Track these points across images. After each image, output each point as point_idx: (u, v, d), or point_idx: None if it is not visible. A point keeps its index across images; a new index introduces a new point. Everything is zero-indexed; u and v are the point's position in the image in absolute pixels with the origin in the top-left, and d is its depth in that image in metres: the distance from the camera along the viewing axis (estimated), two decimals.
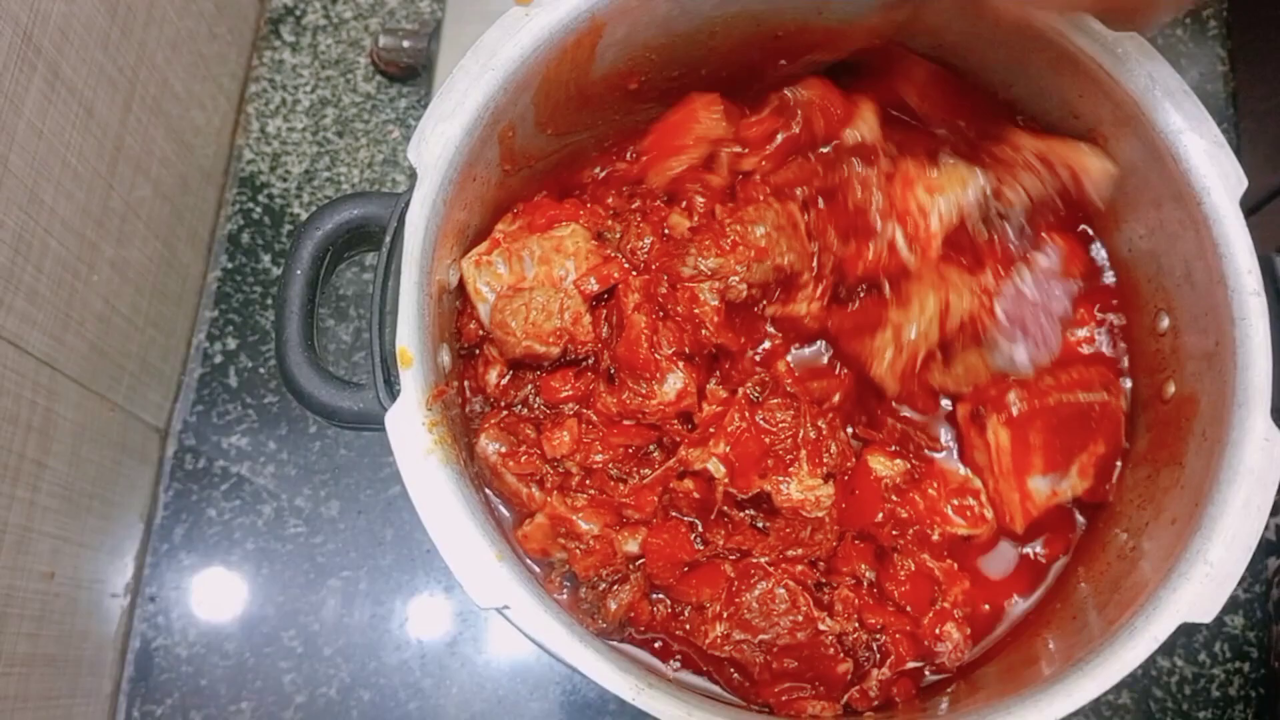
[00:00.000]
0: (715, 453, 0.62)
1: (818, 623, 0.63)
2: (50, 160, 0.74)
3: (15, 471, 0.74)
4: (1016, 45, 0.67)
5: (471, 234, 0.67)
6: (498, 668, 0.89)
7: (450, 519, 0.56)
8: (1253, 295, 0.60)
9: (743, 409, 0.63)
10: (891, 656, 0.64)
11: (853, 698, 0.64)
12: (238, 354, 0.97)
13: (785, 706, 0.63)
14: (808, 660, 0.63)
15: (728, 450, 0.62)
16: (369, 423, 0.59)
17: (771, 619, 0.62)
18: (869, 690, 0.64)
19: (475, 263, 0.65)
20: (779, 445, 0.63)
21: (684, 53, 0.71)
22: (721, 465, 0.62)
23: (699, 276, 0.65)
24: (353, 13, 1.07)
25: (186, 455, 0.94)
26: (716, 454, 0.62)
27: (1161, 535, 0.62)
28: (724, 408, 0.64)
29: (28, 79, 0.70)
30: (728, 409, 0.63)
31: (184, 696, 0.88)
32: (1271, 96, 1.00)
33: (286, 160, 1.02)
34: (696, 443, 0.63)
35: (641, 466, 0.65)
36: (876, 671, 0.64)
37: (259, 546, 0.92)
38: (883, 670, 0.64)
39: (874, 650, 0.65)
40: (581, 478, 0.65)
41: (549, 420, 0.66)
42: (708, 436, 0.63)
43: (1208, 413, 0.62)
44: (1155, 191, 0.65)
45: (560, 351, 0.65)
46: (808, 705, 0.63)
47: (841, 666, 0.63)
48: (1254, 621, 0.91)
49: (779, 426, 0.64)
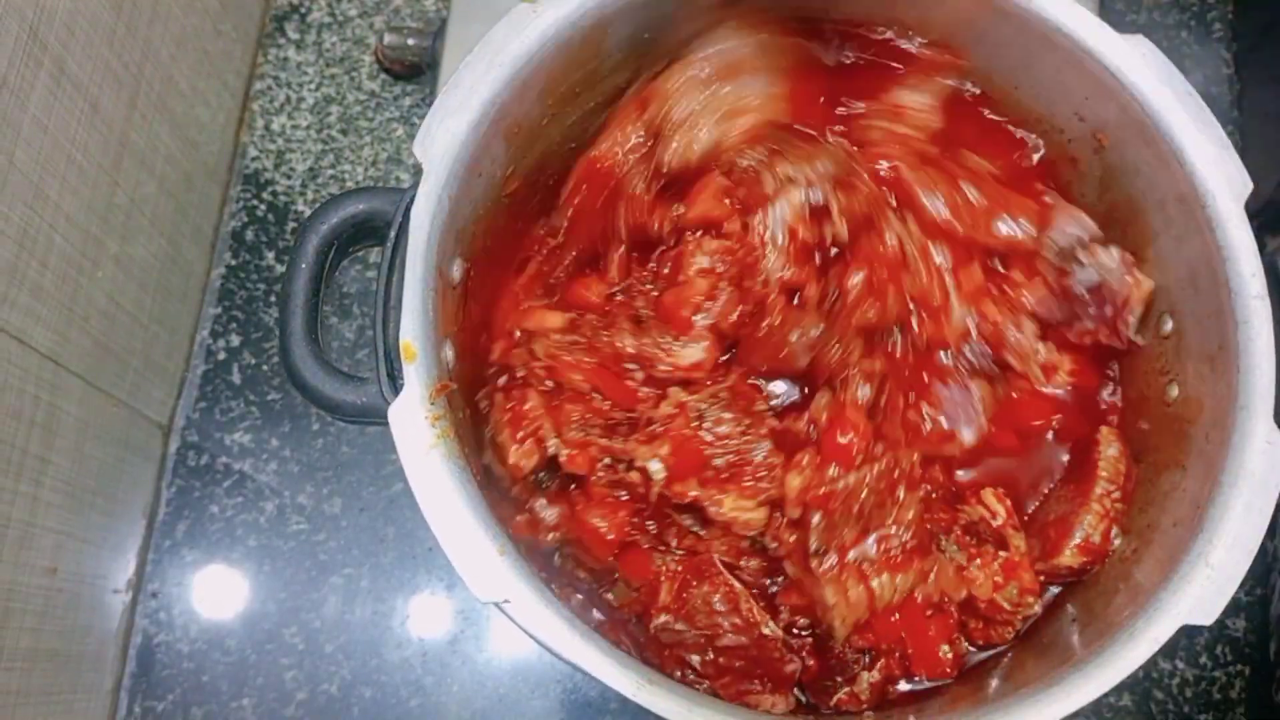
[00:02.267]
0: (658, 453, 0.63)
1: (760, 626, 0.63)
2: (55, 156, 0.74)
3: (19, 467, 0.74)
4: (1024, 46, 0.67)
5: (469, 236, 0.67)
6: (499, 666, 0.89)
7: (452, 513, 0.56)
8: (1256, 299, 0.60)
9: (688, 417, 0.63)
10: (882, 660, 0.64)
11: (841, 701, 0.64)
12: (241, 351, 0.97)
13: (736, 698, 0.63)
14: (753, 659, 0.63)
15: (669, 453, 0.63)
16: (372, 417, 0.59)
17: (714, 618, 0.62)
18: (859, 694, 0.64)
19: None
20: (719, 460, 0.63)
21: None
22: (662, 467, 0.63)
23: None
24: (358, 10, 1.07)
25: (189, 452, 0.94)
26: (659, 455, 0.63)
27: (1163, 538, 0.62)
28: (678, 410, 0.64)
29: (33, 75, 0.70)
30: (681, 412, 0.64)
31: (185, 693, 0.88)
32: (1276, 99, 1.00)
33: (291, 158, 1.03)
34: (645, 439, 0.63)
35: (608, 435, 0.65)
36: (866, 675, 0.64)
37: (261, 543, 0.92)
38: (873, 674, 0.64)
39: (864, 654, 0.64)
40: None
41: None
42: (656, 435, 0.63)
43: (1210, 416, 0.62)
44: (1160, 194, 0.65)
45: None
46: (759, 700, 0.63)
47: (789, 666, 0.63)
48: (1256, 624, 0.91)
49: (723, 442, 0.63)
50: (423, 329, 0.58)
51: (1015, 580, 0.63)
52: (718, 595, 0.63)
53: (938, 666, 0.63)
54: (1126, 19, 1.08)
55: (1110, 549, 0.65)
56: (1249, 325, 0.60)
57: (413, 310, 0.58)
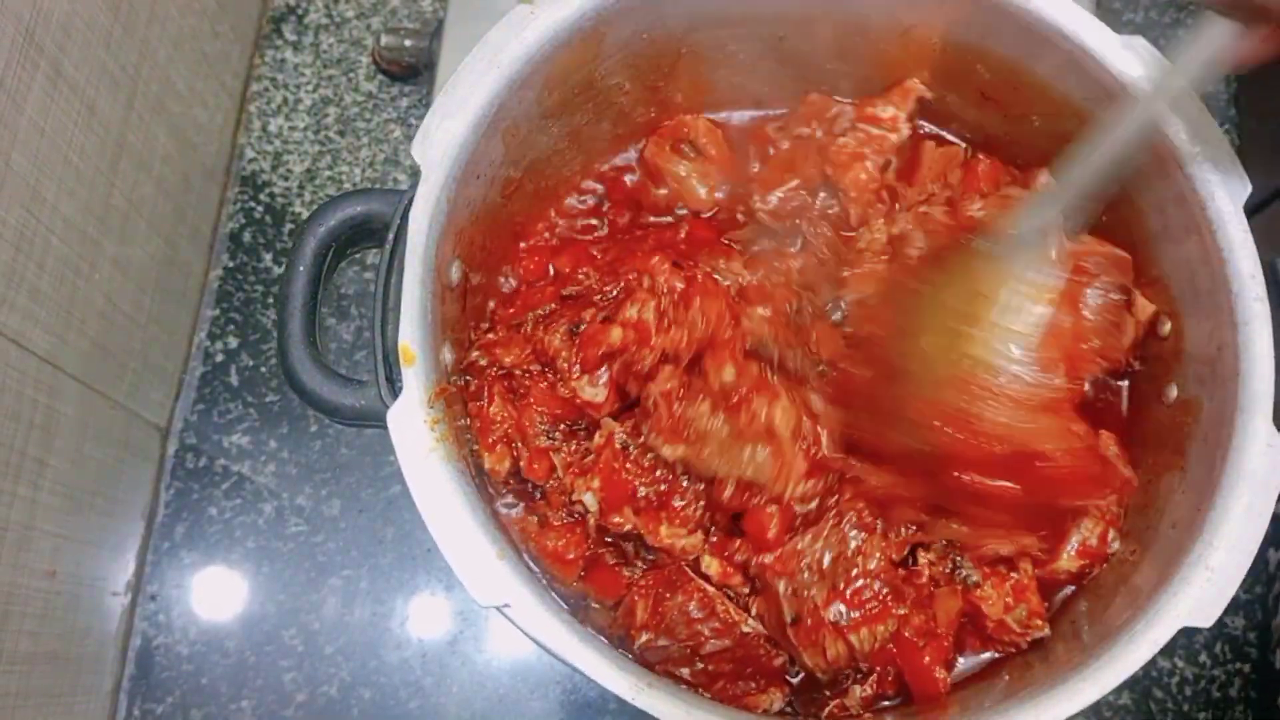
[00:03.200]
0: (590, 486, 0.63)
1: (739, 626, 0.63)
2: (53, 158, 0.74)
3: (17, 469, 0.74)
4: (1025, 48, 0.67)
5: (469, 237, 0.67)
6: (499, 667, 0.89)
7: (451, 517, 0.56)
8: (1256, 300, 0.60)
9: (614, 449, 0.63)
10: (874, 676, 0.64)
11: (832, 713, 0.63)
12: (239, 353, 0.97)
13: (732, 701, 0.63)
14: (741, 660, 0.63)
15: (599, 486, 0.63)
16: (370, 420, 0.59)
17: (693, 627, 0.62)
18: (850, 706, 0.63)
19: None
20: (644, 490, 0.63)
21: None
22: (594, 499, 0.63)
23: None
24: (355, 12, 1.07)
25: (188, 454, 0.94)
26: (592, 488, 0.63)
27: (1162, 540, 0.62)
28: (605, 441, 0.64)
29: (30, 77, 0.70)
30: (608, 443, 0.63)
31: (184, 695, 0.88)
32: (1274, 98, 1.00)
33: (288, 159, 1.02)
34: (579, 471, 0.63)
35: (569, 439, 0.65)
36: (857, 689, 0.63)
37: (260, 545, 0.92)
38: (864, 688, 0.63)
39: (855, 670, 0.64)
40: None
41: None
42: (587, 469, 0.63)
43: (1210, 417, 0.62)
44: (1159, 195, 0.65)
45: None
46: (757, 701, 0.63)
47: (778, 660, 0.63)
48: (1255, 623, 0.91)
49: (650, 473, 0.63)
50: (421, 332, 0.58)
51: (1024, 603, 0.63)
52: (693, 603, 0.62)
53: (932, 687, 0.62)
54: (1124, 19, 1.08)
55: (1109, 552, 0.65)
56: (1249, 327, 0.60)
57: (411, 313, 0.58)
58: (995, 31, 0.67)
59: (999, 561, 0.64)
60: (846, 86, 0.75)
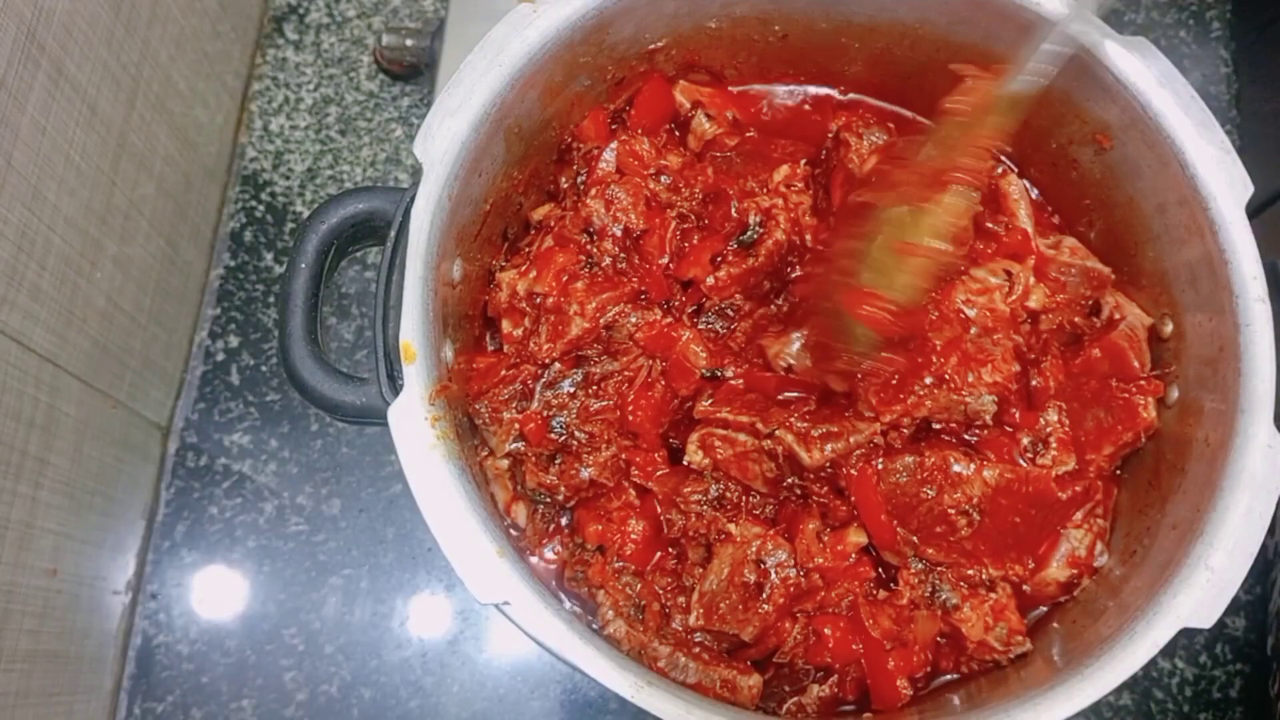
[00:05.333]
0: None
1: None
2: (54, 157, 0.74)
3: (18, 468, 0.74)
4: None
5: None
6: (499, 666, 0.89)
7: (452, 514, 0.56)
8: (1257, 301, 0.60)
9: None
10: (834, 678, 0.64)
11: (790, 710, 0.63)
12: (240, 352, 0.97)
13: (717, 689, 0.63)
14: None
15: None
16: (371, 417, 0.59)
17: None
18: (806, 706, 0.63)
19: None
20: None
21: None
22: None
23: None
24: (356, 11, 1.07)
25: (188, 453, 0.94)
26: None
27: (1163, 541, 0.61)
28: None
29: (31, 76, 0.70)
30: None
31: (185, 694, 0.88)
32: (1275, 99, 1.00)
33: (289, 158, 1.02)
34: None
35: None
36: (816, 688, 0.63)
37: (260, 544, 0.92)
38: (823, 688, 0.63)
39: (817, 670, 0.64)
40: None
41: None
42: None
43: (1210, 418, 0.62)
44: (1160, 196, 0.65)
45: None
46: (737, 679, 0.63)
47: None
48: (1255, 623, 0.91)
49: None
50: (423, 329, 0.58)
51: (1004, 621, 0.63)
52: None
53: (892, 699, 0.62)
54: (1126, 19, 1.08)
55: (1095, 564, 0.65)
56: (1250, 328, 0.60)
57: (412, 311, 0.58)
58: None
59: (979, 584, 0.64)
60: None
